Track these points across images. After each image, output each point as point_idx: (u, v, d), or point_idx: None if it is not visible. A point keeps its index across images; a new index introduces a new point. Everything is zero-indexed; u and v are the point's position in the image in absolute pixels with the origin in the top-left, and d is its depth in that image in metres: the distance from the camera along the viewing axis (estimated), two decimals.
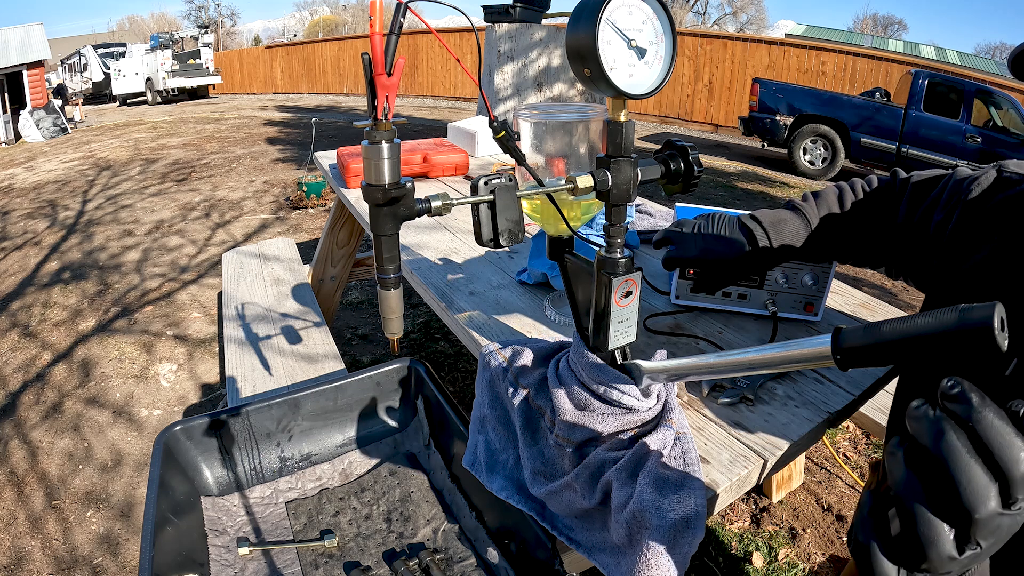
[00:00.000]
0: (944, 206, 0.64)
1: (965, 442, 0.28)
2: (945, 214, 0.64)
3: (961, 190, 0.63)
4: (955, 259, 0.60)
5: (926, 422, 0.30)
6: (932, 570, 0.30)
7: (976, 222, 0.60)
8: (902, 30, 34.90)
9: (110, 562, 1.62)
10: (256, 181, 5.68)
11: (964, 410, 0.29)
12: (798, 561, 1.58)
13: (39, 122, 9.77)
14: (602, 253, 0.61)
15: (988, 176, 0.61)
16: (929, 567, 0.30)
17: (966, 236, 0.60)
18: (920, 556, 0.30)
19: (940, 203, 0.65)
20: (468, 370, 2.44)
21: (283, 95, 16.60)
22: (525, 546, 0.80)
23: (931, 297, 0.64)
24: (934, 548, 0.29)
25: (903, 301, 3.30)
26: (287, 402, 1.01)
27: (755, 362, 0.48)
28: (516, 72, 3.24)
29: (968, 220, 0.61)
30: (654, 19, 0.55)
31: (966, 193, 0.62)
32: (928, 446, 0.29)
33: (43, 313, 3.09)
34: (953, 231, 0.62)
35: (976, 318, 0.32)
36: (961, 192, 0.63)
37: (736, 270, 0.81)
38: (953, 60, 14.70)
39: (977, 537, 0.29)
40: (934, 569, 0.30)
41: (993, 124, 6.16)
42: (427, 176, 1.75)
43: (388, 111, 0.53)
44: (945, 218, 0.64)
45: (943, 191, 0.66)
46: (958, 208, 0.62)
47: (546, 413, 0.70)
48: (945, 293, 0.61)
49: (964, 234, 0.61)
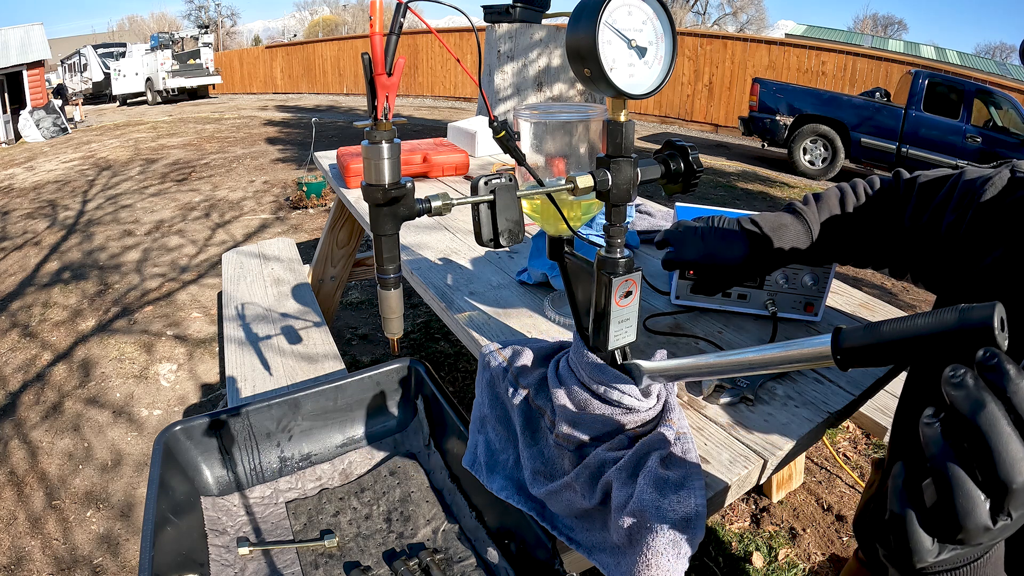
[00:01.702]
0: (956, 207, 0.64)
1: (1003, 412, 0.28)
2: (957, 215, 0.64)
3: (974, 190, 0.63)
4: (968, 260, 0.60)
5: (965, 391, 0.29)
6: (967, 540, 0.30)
7: (990, 223, 0.60)
8: (902, 30, 34.92)
9: (110, 562, 1.62)
10: (256, 181, 5.68)
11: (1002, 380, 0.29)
12: (798, 561, 1.58)
13: (39, 122, 9.77)
14: (602, 253, 0.61)
15: (1002, 176, 0.61)
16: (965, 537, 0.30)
17: (980, 237, 0.60)
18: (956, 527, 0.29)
19: (951, 204, 0.65)
20: (468, 370, 2.44)
21: (283, 95, 16.60)
22: (525, 546, 0.80)
23: (943, 298, 0.64)
24: (971, 518, 0.29)
25: (903, 301, 3.30)
26: (287, 402, 1.01)
27: (755, 362, 0.48)
28: (516, 72, 3.24)
29: (982, 221, 0.61)
30: (654, 19, 0.55)
31: (979, 194, 0.62)
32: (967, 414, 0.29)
33: (43, 313, 3.10)
34: (966, 232, 0.62)
35: (976, 318, 0.32)
36: (974, 192, 0.63)
37: (736, 274, 0.81)
38: (953, 60, 14.70)
39: (1010, 507, 0.29)
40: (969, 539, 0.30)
41: (993, 124, 6.16)
42: (427, 176, 1.75)
43: (388, 111, 0.53)
44: (958, 219, 0.63)
45: (953, 191, 0.66)
46: (971, 209, 0.62)
47: (546, 413, 0.70)
48: (958, 294, 0.61)
49: (978, 235, 0.61)
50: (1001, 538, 0.31)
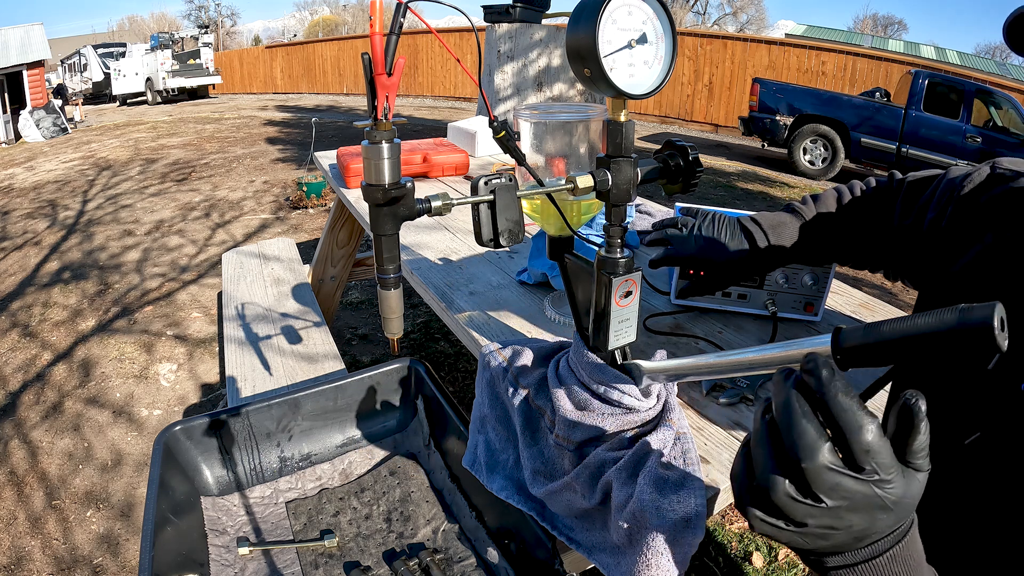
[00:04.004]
0: (937, 204, 0.64)
1: (804, 406, 0.33)
2: (938, 212, 0.64)
3: (954, 187, 0.63)
4: (948, 256, 0.60)
5: (776, 386, 0.35)
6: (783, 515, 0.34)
7: (969, 218, 0.60)
8: (902, 30, 34.91)
9: (110, 562, 1.62)
10: (256, 181, 5.68)
11: (815, 383, 0.33)
12: (798, 561, 1.58)
13: (39, 122, 9.77)
14: (602, 253, 0.61)
15: (981, 172, 0.61)
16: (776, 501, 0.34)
17: (959, 233, 0.60)
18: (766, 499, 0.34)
19: (933, 201, 0.65)
20: (468, 370, 2.44)
21: (283, 95, 16.60)
22: (525, 546, 0.80)
23: (924, 295, 0.64)
24: (774, 492, 0.34)
25: (903, 301, 3.30)
26: (287, 402, 1.01)
27: (755, 362, 0.48)
28: (516, 72, 3.24)
29: (961, 216, 0.61)
30: (654, 19, 0.55)
31: (959, 190, 0.62)
32: (774, 406, 0.35)
33: (43, 313, 3.10)
34: (946, 228, 0.62)
35: (976, 318, 0.32)
36: (954, 189, 0.63)
37: (735, 272, 0.81)
38: (953, 60, 14.70)
39: (815, 489, 0.32)
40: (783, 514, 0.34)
41: (993, 124, 6.16)
42: (427, 176, 1.75)
43: (388, 111, 0.53)
44: (938, 216, 0.63)
45: (935, 190, 0.66)
46: (951, 205, 0.62)
47: (546, 413, 0.70)
48: (938, 291, 0.61)
49: (957, 231, 0.60)
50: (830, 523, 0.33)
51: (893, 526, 0.35)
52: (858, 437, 0.32)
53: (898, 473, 0.33)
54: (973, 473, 0.52)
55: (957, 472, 0.53)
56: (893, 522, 0.35)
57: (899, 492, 0.33)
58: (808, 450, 0.32)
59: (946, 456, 0.54)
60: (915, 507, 0.35)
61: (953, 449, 0.53)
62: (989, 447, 0.50)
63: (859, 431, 0.32)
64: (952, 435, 0.53)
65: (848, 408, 0.32)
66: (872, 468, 0.33)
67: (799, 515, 0.33)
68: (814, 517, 0.33)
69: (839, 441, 0.33)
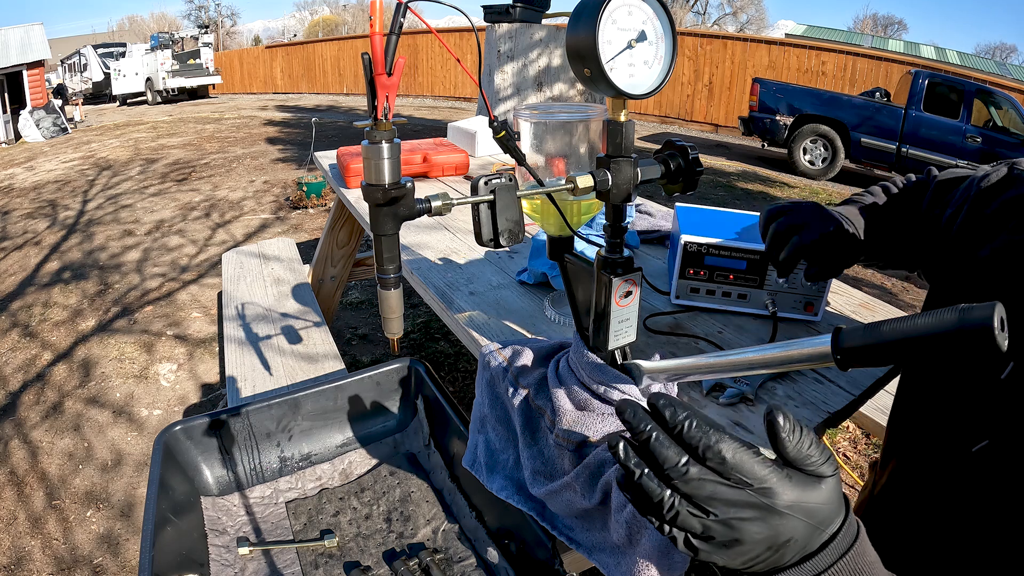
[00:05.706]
0: (956, 202, 0.64)
1: (661, 434, 0.36)
2: (955, 209, 0.64)
3: (974, 185, 0.63)
4: (962, 254, 0.60)
5: (630, 423, 0.37)
6: (686, 530, 0.36)
7: (984, 218, 0.60)
8: (902, 30, 34.91)
9: (110, 562, 1.62)
10: (256, 181, 5.68)
11: (669, 414, 0.36)
12: None
13: (39, 122, 9.77)
14: (602, 253, 0.61)
15: (999, 172, 0.61)
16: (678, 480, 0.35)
17: (973, 231, 0.60)
18: (648, 502, 0.36)
19: (954, 199, 0.65)
20: (468, 370, 2.44)
21: (283, 95, 16.60)
22: (525, 546, 0.80)
23: (935, 291, 0.64)
24: (655, 494, 0.36)
25: (903, 301, 3.30)
26: (287, 402, 1.01)
27: (755, 362, 0.48)
28: (516, 72, 3.24)
29: (976, 216, 0.61)
30: (654, 19, 0.55)
31: (976, 189, 0.62)
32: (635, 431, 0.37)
33: (43, 313, 3.10)
34: (961, 226, 0.62)
35: (976, 318, 0.32)
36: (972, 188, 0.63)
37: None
38: (953, 60, 14.69)
39: (697, 500, 0.34)
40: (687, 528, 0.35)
41: (993, 124, 6.16)
42: (427, 176, 1.75)
43: (388, 111, 0.53)
44: (955, 213, 0.64)
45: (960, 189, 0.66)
46: (967, 203, 0.62)
47: (546, 413, 0.70)
48: (951, 288, 0.61)
49: (972, 229, 0.60)
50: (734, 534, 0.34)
51: (809, 535, 0.35)
52: (712, 454, 0.34)
53: (779, 480, 0.34)
54: (980, 481, 0.52)
55: (964, 479, 0.53)
56: (805, 529, 0.35)
57: (789, 497, 0.34)
58: (676, 469, 0.35)
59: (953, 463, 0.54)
60: (834, 513, 0.35)
61: (960, 456, 0.53)
62: (997, 455, 0.50)
63: (710, 449, 0.34)
64: (960, 442, 0.53)
65: (698, 430, 0.35)
66: (739, 479, 0.34)
67: (697, 528, 0.35)
68: (711, 529, 0.35)
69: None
